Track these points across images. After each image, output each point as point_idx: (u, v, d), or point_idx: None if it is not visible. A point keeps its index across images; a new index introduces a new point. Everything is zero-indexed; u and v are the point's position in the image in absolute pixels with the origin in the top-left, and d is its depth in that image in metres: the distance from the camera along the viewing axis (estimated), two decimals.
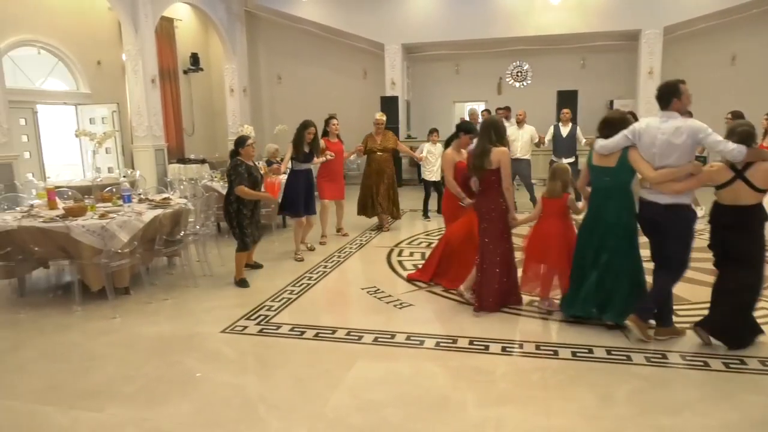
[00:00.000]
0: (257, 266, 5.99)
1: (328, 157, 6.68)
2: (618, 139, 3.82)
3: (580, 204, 4.39)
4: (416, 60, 14.07)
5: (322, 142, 6.66)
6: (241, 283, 5.33)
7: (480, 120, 8.75)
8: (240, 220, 5.25)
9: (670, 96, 3.69)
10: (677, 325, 3.90)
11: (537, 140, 8.77)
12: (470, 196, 4.82)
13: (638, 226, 3.88)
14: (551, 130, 8.87)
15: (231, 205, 5.23)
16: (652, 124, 3.72)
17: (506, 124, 8.60)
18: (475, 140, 4.69)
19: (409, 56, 13.80)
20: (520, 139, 8.64)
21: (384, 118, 7.78)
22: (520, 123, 8.80)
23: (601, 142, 3.93)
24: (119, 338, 4.13)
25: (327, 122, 6.96)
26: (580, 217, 4.24)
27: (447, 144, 5.36)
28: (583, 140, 8.82)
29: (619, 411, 2.98)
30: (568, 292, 4.19)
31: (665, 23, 11.77)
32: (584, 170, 4.12)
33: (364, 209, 7.69)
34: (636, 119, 8.19)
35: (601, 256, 3.91)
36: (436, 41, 13.11)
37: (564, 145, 8.76)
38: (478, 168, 4.36)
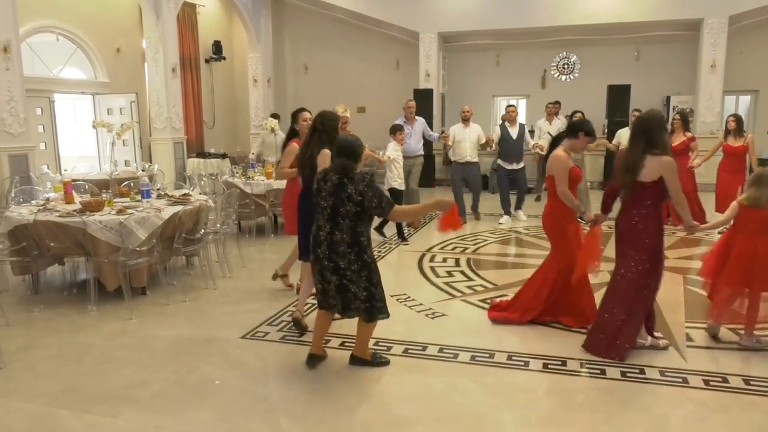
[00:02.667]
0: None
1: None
2: None
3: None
4: (453, 50, 14.02)
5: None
6: (376, 361, 3.78)
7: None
8: (375, 268, 3.56)
9: None
10: None
11: (483, 141, 8.30)
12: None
13: None
14: (497, 130, 8.48)
15: (365, 245, 3.50)
16: None
17: (507, 125, 8.40)
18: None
19: (445, 46, 13.76)
20: (468, 139, 8.19)
21: (347, 113, 7.68)
22: (466, 121, 8.27)
23: None
24: (135, 340, 4.23)
25: (295, 116, 5.05)
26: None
27: (554, 144, 4.73)
28: (531, 142, 8.55)
29: None
30: None
31: (731, 12, 11.47)
32: None
33: None
34: (686, 120, 8.03)
35: None
36: (475, 30, 13.04)
37: (513, 148, 8.39)
38: (627, 181, 3.83)
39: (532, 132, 10.12)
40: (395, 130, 7.34)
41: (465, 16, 12.79)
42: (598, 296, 4.16)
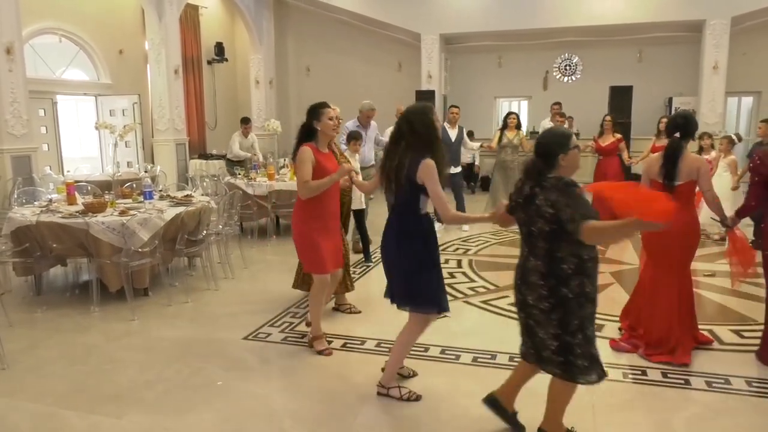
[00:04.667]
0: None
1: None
2: None
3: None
4: (455, 52, 14.04)
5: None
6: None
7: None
8: (576, 308, 2.61)
9: None
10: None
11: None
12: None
13: None
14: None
15: (567, 275, 2.59)
16: None
17: (447, 127, 7.84)
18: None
19: (447, 47, 13.78)
20: None
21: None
22: (453, 123, 8.06)
23: None
24: (138, 341, 4.25)
25: (316, 112, 3.85)
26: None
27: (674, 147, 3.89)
28: (475, 145, 8.41)
29: None
30: None
31: (733, 13, 11.47)
32: None
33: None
34: (616, 121, 8.13)
35: None
36: (478, 32, 13.06)
37: (452, 151, 7.81)
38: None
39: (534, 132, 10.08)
40: (353, 138, 5.76)
41: (467, 18, 12.81)
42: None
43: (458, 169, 8.18)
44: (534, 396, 2.96)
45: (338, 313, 4.79)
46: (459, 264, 6.30)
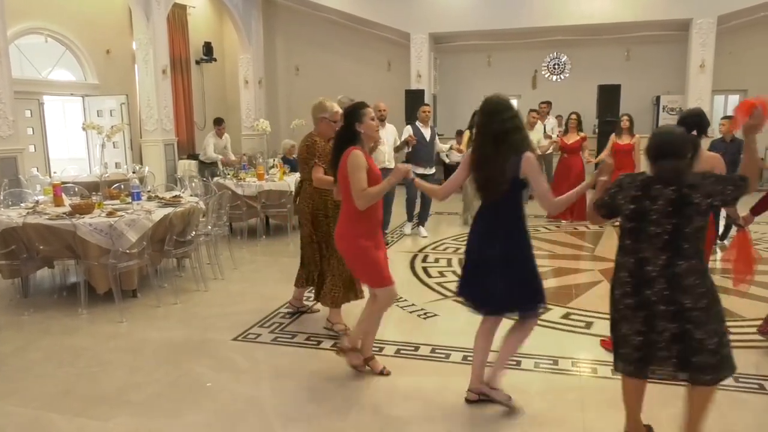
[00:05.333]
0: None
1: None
2: None
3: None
4: (444, 51, 14.07)
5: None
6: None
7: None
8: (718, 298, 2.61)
9: None
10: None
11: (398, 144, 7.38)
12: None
13: None
14: (409, 130, 7.42)
15: (707, 271, 2.63)
16: None
17: (419, 125, 7.37)
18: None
19: (436, 47, 13.80)
20: (387, 142, 6.91)
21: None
22: (383, 120, 6.91)
23: None
24: (127, 343, 4.22)
25: (357, 114, 3.47)
26: None
27: None
28: (444, 147, 8.03)
29: None
30: None
31: (719, 12, 11.58)
32: None
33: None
34: (580, 120, 8.09)
35: None
36: (467, 31, 13.09)
37: (425, 152, 7.42)
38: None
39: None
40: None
41: (456, 17, 12.83)
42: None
43: (432, 171, 7.58)
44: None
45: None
46: (449, 263, 6.32)
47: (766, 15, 11.73)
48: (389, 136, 7.14)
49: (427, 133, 7.50)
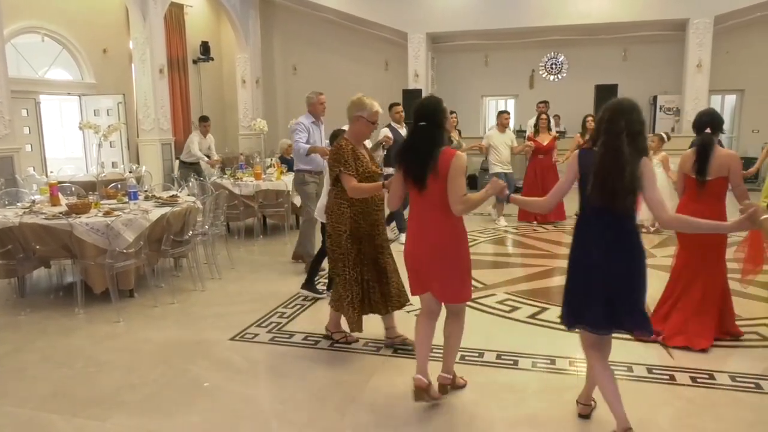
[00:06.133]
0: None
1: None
2: None
3: None
4: (442, 51, 14.07)
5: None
6: None
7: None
8: None
9: None
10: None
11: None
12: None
13: None
14: (386, 131, 6.71)
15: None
16: None
17: (395, 126, 6.84)
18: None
19: (434, 46, 13.80)
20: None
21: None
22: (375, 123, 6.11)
23: None
24: (124, 343, 4.21)
25: (443, 114, 3.16)
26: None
27: (706, 143, 3.96)
28: None
29: None
30: None
31: (716, 12, 11.62)
32: None
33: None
34: (549, 120, 7.93)
35: None
36: (464, 30, 13.10)
37: None
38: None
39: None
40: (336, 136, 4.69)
41: (453, 17, 12.84)
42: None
43: None
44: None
45: (326, 314, 4.75)
46: None
47: (762, 15, 11.77)
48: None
49: (403, 133, 6.85)
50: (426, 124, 3.08)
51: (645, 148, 2.73)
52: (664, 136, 7.66)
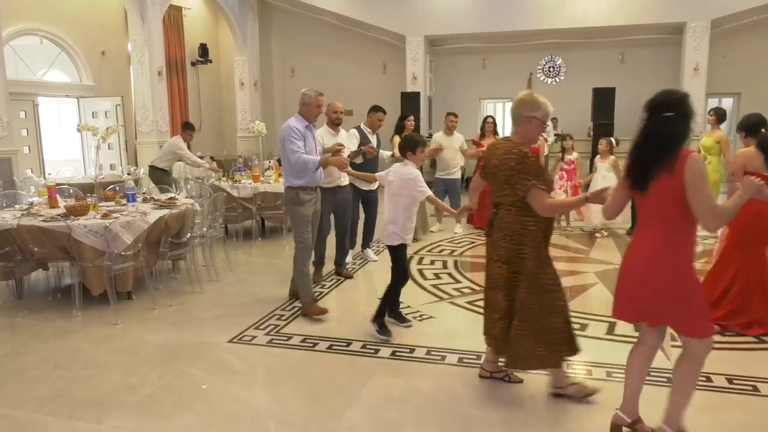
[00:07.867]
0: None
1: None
2: None
3: None
4: (440, 53, 14.10)
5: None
6: None
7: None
8: None
9: None
10: None
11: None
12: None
13: None
14: (355, 133, 6.17)
15: None
16: None
17: (367, 132, 6.18)
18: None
19: (432, 49, 13.83)
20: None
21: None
22: (338, 125, 5.85)
23: None
24: (121, 345, 4.21)
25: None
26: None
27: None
28: (387, 154, 6.25)
29: None
30: None
31: (713, 15, 11.67)
32: None
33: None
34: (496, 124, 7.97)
35: None
36: (462, 33, 13.13)
37: (373, 163, 6.01)
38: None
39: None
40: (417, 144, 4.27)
41: (451, 20, 12.87)
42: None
43: (376, 186, 5.95)
44: None
45: (324, 316, 4.75)
46: (444, 265, 6.32)
47: (759, 18, 11.82)
48: (353, 145, 5.83)
49: (374, 141, 6.14)
50: (673, 117, 2.69)
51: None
52: (614, 141, 7.87)
